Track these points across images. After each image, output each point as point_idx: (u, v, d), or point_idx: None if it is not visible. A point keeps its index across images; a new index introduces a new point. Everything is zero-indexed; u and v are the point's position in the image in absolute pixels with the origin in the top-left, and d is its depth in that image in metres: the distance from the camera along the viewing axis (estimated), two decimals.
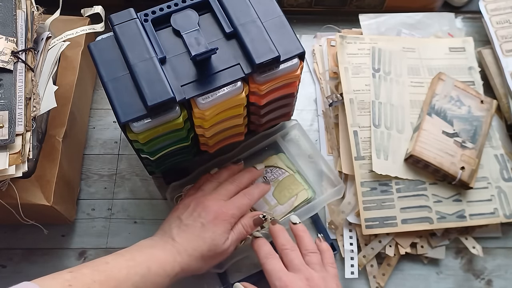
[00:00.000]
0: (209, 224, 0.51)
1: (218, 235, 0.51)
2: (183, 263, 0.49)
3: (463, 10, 0.78)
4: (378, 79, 0.67)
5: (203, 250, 0.50)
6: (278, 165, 0.63)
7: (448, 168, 0.60)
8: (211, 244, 0.50)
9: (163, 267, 0.47)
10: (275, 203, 0.61)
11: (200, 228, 0.51)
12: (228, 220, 0.52)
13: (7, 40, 0.53)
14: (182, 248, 0.50)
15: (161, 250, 0.49)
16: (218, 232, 0.51)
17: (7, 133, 0.49)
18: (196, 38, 0.48)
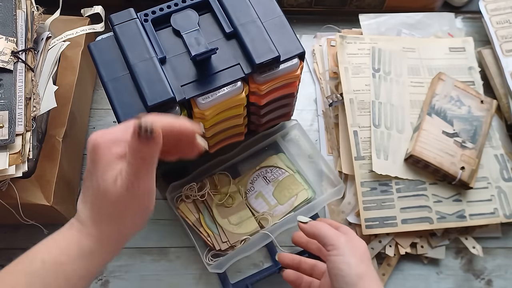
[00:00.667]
0: (90, 164, 0.38)
1: (101, 175, 0.37)
2: (91, 233, 0.38)
3: (463, 10, 0.78)
4: (378, 79, 0.67)
5: (99, 204, 0.37)
6: (278, 165, 0.63)
7: (448, 168, 0.60)
8: (98, 189, 0.37)
9: (66, 252, 0.37)
10: (275, 203, 0.61)
11: (88, 176, 0.38)
12: (107, 148, 0.37)
13: (7, 40, 0.53)
14: (84, 215, 0.38)
15: (64, 231, 0.39)
16: (100, 170, 0.37)
17: (7, 133, 0.49)
18: (196, 38, 0.49)
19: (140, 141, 0.35)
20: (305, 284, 0.53)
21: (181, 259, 0.60)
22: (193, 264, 0.60)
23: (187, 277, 0.59)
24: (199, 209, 0.60)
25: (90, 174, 0.38)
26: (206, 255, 0.58)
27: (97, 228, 0.38)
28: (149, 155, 0.36)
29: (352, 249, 0.48)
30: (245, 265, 0.60)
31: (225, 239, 0.58)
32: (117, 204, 0.37)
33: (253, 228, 0.59)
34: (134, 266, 0.59)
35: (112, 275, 0.59)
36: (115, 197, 0.36)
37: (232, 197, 0.61)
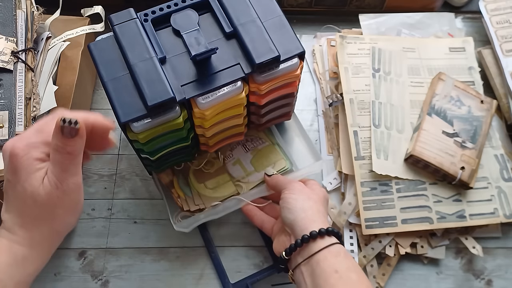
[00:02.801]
0: (10, 173, 0.37)
1: (25, 180, 0.37)
2: (22, 240, 0.37)
3: (463, 10, 0.78)
4: (378, 79, 0.67)
5: (28, 212, 0.37)
6: (258, 135, 0.64)
7: (448, 168, 0.60)
8: (24, 195, 0.37)
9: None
10: (252, 170, 0.61)
11: (9, 185, 0.38)
12: (26, 154, 0.37)
13: (7, 40, 0.53)
14: (10, 223, 0.38)
15: None
16: (23, 176, 0.37)
17: (7, 133, 0.49)
18: (196, 38, 0.49)
19: (64, 137, 0.36)
20: (259, 218, 0.58)
21: (181, 259, 0.60)
22: (193, 264, 0.60)
23: (187, 277, 0.59)
24: (173, 173, 0.61)
25: (12, 182, 0.37)
26: (176, 216, 0.59)
27: (27, 233, 0.38)
28: (75, 149, 0.37)
29: (303, 191, 0.53)
30: (245, 265, 0.60)
31: (199, 202, 0.59)
32: (48, 204, 0.37)
33: (230, 191, 0.60)
34: (134, 266, 0.59)
35: (112, 275, 0.59)
36: (45, 197, 0.37)
37: (211, 163, 0.61)
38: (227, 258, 0.60)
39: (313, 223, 0.49)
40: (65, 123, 0.36)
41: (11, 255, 0.37)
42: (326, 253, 0.47)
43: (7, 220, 0.38)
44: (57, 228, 0.39)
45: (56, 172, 0.37)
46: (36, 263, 0.39)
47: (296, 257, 0.49)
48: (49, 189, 0.37)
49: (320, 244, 0.47)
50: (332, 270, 0.45)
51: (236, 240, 0.61)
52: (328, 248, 0.47)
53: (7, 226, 0.38)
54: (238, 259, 0.60)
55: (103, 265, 0.59)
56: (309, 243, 0.48)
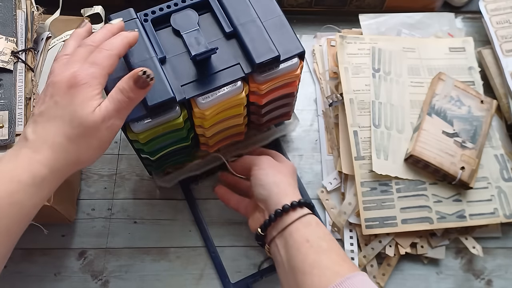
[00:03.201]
0: (63, 97, 0.39)
1: (78, 105, 0.39)
2: (46, 161, 0.38)
3: (463, 10, 0.78)
4: (378, 79, 0.67)
5: (66, 131, 0.39)
6: None
7: (448, 168, 0.60)
8: (72, 119, 0.39)
9: (16, 179, 0.37)
10: None
11: (55, 107, 0.39)
12: (87, 82, 0.40)
13: (7, 40, 0.53)
14: (38, 142, 0.39)
15: (10, 161, 0.38)
16: (77, 101, 0.39)
17: (7, 133, 0.49)
18: (196, 38, 0.48)
19: (134, 85, 0.40)
20: (234, 201, 0.59)
21: (181, 259, 0.60)
22: (193, 264, 0.60)
23: (187, 277, 0.59)
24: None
25: (61, 104, 0.39)
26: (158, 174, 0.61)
27: (54, 154, 0.39)
28: (137, 98, 0.42)
29: (273, 165, 0.54)
30: (245, 265, 0.60)
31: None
32: (90, 131, 0.39)
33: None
34: (134, 266, 0.59)
35: (112, 275, 0.59)
36: (91, 124, 0.39)
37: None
38: (227, 258, 0.60)
39: (285, 197, 0.50)
40: (144, 75, 0.40)
41: (31, 174, 0.38)
42: (298, 224, 0.48)
43: (35, 139, 0.39)
44: (81, 158, 0.40)
45: (109, 108, 0.40)
46: (50, 188, 0.40)
47: (271, 231, 0.50)
48: (97, 119, 0.39)
49: (293, 216, 0.49)
50: (304, 239, 0.46)
51: (236, 240, 0.61)
52: (300, 219, 0.48)
53: (32, 145, 0.39)
54: (238, 259, 0.60)
55: (103, 265, 0.59)
56: (282, 217, 0.49)
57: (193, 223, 0.62)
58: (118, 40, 0.43)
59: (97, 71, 0.40)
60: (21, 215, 0.38)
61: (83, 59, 0.41)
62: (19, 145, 0.40)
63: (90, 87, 0.40)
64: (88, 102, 0.39)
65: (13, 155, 0.39)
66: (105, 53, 0.41)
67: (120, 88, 0.41)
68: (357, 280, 0.42)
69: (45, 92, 0.41)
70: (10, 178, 0.37)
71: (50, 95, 0.40)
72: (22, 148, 0.39)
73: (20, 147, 0.39)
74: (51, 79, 0.41)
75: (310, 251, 0.45)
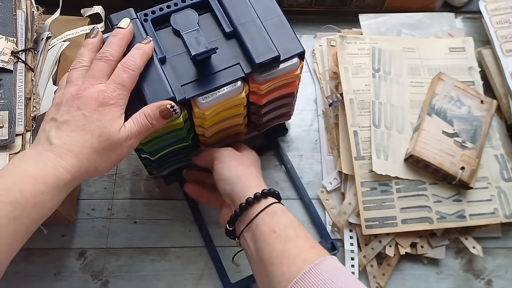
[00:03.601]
0: (93, 113, 0.43)
1: (107, 122, 0.43)
2: (70, 167, 0.41)
3: (463, 10, 0.78)
4: (378, 79, 0.67)
5: (93, 144, 0.42)
6: None
7: (448, 168, 0.60)
8: (101, 134, 0.43)
9: (42, 181, 0.40)
10: None
11: (83, 119, 0.43)
12: (115, 103, 0.44)
13: (7, 40, 0.53)
14: (64, 149, 0.41)
15: (34, 162, 0.41)
16: (106, 118, 0.43)
17: (7, 133, 0.49)
18: (196, 38, 0.48)
19: (161, 115, 0.45)
20: (205, 196, 0.58)
21: (181, 259, 0.60)
22: (193, 264, 0.60)
23: (187, 277, 0.59)
24: None
25: (90, 118, 0.43)
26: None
27: (78, 163, 0.42)
28: (158, 126, 0.46)
29: (234, 156, 0.54)
30: (245, 265, 0.60)
31: None
32: (113, 146, 0.43)
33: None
34: (134, 266, 0.59)
35: (112, 275, 0.59)
36: (116, 140, 0.43)
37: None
38: (227, 258, 0.60)
39: (249, 189, 0.49)
40: (171, 108, 0.45)
41: (55, 178, 0.40)
42: (263, 215, 0.48)
43: (61, 145, 0.41)
44: (99, 168, 0.44)
45: (133, 130, 0.44)
46: (67, 191, 0.43)
47: (238, 225, 0.50)
48: (121, 137, 0.43)
49: (257, 208, 0.48)
50: (270, 230, 0.46)
51: None
52: (265, 210, 0.48)
53: (58, 151, 0.41)
54: (238, 259, 0.60)
55: (103, 265, 0.59)
56: (248, 210, 0.49)
57: (193, 223, 0.62)
58: (138, 55, 0.46)
59: (124, 93, 0.44)
60: (41, 214, 0.40)
61: (106, 74, 0.45)
62: (41, 148, 0.42)
63: (117, 106, 0.44)
64: (116, 120, 0.43)
65: (36, 157, 0.41)
66: (131, 74, 0.45)
67: (145, 114, 0.45)
68: (325, 265, 0.42)
69: (69, 102, 0.43)
70: (37, 180, 0.39)
71: (76, 107, 0.43)
72: (46, 152, 0.41)
73: (43, 150, 0.41)
74: (77, 92, 0.44)
75: (277, 241, 0.45)
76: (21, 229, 0.39)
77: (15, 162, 0.41)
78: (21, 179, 0.39)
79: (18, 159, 0.41)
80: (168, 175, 0.62)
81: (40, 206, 0.40)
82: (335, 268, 0.42)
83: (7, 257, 0.39)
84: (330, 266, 0.42)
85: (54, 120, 0.43)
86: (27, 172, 0.40)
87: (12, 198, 0.38)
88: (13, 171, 0.40)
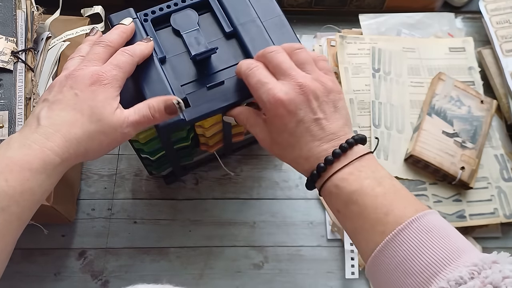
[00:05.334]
0: (85, 91, 0.40)
1: (99, 102, 0.40)
2: (58, 148, 0.39)
3: (463, 10, 0.78)
4: (378, 79, 0.67)
5: (83, 124, 0.40)
6: None
7: (448, 168, 0.60)
8: (91, 114, 0.40)
9: (28, 167, 0.37)
10: None
11: (75, 98, 0.40)
12: (110, 83, 0.41)
13: (7, 40, 0.53)
14: (51, 130, 0.39)
15: (19, 147, 0.38)
16: (99, 98, 0.40)
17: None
18: (196, 38, 0.49)
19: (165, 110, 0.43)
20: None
21: (181, 259, 0.60)
22: (193, 264, 0.60)
23: (187, 277, 0.59)
24: None
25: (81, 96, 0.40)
26: None
27: (66, 144, 0.39)
28: (160, 120, 0.43)
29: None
30: (245, 265, 0.60)
31: None
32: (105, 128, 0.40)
33: None
34: (134, 266, 0.59)
35: (112, 275, 0.59)
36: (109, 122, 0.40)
37: None
38: (227, 258, 0.60)
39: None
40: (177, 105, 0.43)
41: (42, 162, 0.38)
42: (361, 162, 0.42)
43: (49, 125, 0.39)
44: (89, 152, 0.41)
45: (132, 117, 0.42)
46: (58, 175, 0.40)
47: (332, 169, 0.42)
48: (116, 121, 0.41)
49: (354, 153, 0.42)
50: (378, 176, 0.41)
51: (236, 240, 0.61)
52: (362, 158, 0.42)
53: (45, 131, 0.39)
54: (238, 259, 0.60)
55: (103, 265, 0.59)
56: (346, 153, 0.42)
57: (193, 223, 0.62)
58: (139, 48, 0.45)
59: (119, 74, 0.42)
60: (32, 202, 0.38)
61: (102, 58, 0.43)
62: (28, 130, 0.39)
63: (112, 87, 0.41)
64: (109, 101, 0.41)
65: (22, 140, 0.39)
66: (128, 58, 0.43)
67: (149, 105, 0.43)
68: (435, 216, 0.38)
69: (62, 82, 0.42)
70: (21, 166, 0.37)
71: (69, 86, 0.41)
72: (32, 134, 0.39)
73: (30, 132, 0.39)
74: (70, 72, 0.42)
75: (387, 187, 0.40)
76: (12, 219, 0.37)
77: (1, 149, 0.39)
78: (5, 167, 0.37)
79: (4, 145, 0.39)
80: (168, 175, 0.62)
81: (29, 193, 0.38)
82: (440, 220, 0.39)
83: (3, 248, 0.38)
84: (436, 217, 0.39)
85: (46, 101, 0.41)
86: (11, 159, 0.37)
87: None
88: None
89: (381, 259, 0.37)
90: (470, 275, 0.33)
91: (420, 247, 0.36)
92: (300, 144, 0.43)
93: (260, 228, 0.61)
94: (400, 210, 0.38)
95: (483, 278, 0.32)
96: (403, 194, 0.40)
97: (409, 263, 0.35)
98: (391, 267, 0.36)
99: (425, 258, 0.35)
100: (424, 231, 0.36)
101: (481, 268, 0.33)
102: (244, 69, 0.44)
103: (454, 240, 0.36)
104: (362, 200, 0.39)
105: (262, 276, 0.59)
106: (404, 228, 0.37)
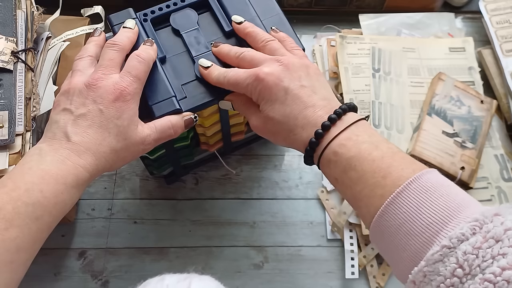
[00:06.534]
0: (109, 108, 0.42)
1: (125, 121, 0.42)
2: (89, 166, 0.41)
3: (463, 10, 0.78)
4: (378, 79, 0.67)
5: (110, 143, 0.42)
6: None
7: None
8: (118, 133, 0.42)
9: (62, 181, 0.39)
10: None
11: (100, 116, 0.42)
12: (133, 98, 0.43)
13: (7, 40, 0.53)
14: (82, 147, 0.41)
15: (53, 161, 0.40)
16: (124, 116, 0.42)
17: (7, 133, 0.49)
18: (195, 37, 0.49)
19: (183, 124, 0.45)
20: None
21: (181, 259, 0.60)
22: (193, 264, 0.60)
23: None
24: None
25: (106, 115, 0.42)
26: None
27: (96, 161, 0.41)
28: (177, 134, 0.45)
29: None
30: (245, 265, 0.60)
31: None
32: (130, 145, 0.43)
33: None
34: (134, 266, 0.59)
35: (112, 275, 0.59)
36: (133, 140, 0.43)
37: None
38: (227, 258, 0.60)
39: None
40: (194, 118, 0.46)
41: (75, 178, 0.40)
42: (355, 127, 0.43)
43: (79, 143, 0.41)
44: (113, 166, 0.43)
45: (152, 137, 0.44)
46: (84, 188, 0.43)
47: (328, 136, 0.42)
48: (139, 139, 0.43)
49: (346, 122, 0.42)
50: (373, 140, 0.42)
51: (236, 240, 0.61)
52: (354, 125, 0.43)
53: (77, 149, 0.41)
54: (238, 259, 0.60)
55: (103, 265, 0.59)
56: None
57: (193, 223, 0.62)
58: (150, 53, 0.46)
59: (139, 87, 0.44)
60: (62, 213, 0.40)
61: (118, 63, 0.44)
62: (59, 145, 0.41)
63: (134, 103, 0.43)
64: (133, 118, 0.43)
65: (55, 154, 0.40)
66: (145, 66, 0.44)
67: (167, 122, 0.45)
68: (433, 175, 0.39)
69: (83, 92, 0.42)
70: (56, 180, 0.39)
71: (92, 100, 0.42)
72: (64, 149, 0.40)
73: (61, 147, 0.41)
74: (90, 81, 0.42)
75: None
76: (44, 227, 0.39)
77: (34, 160, 0.40)
78: (41, 179, 0.39)
79: (36, 155, 0.40)
80: (168, 175, 0.62)
81: (61, 205, 0.40)
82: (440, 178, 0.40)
83: (32, 255, 0.39)
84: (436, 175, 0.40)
85: (69, 112, 0.42)
86: (47, 172, 0.39)
87: (34, 198, 0.38)
88: (33, 170, 0.39)
89: (383, 223, 0.37)
90: (471, 231, 0.33)
91: (420, 207, 0.36)
92: (294, 113, 0.43)
93: (260, 228, 0.61)
94: (397, 172, 0.38)
95: (484, 232, 0.32)
96: (400, 156, 0.40)
97: (410, 224, 0.36)
98: (393, 229, 0.37)
99: (426, 217, 0.35)
100: (423, 191, 0.37)
101: (482, 222, 0.33)
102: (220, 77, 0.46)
103: (454, 196, 0.37)
104: (361, 166, 0.40)
105: (262, 276, 0.59)
106: (403, 190, 0.37)
